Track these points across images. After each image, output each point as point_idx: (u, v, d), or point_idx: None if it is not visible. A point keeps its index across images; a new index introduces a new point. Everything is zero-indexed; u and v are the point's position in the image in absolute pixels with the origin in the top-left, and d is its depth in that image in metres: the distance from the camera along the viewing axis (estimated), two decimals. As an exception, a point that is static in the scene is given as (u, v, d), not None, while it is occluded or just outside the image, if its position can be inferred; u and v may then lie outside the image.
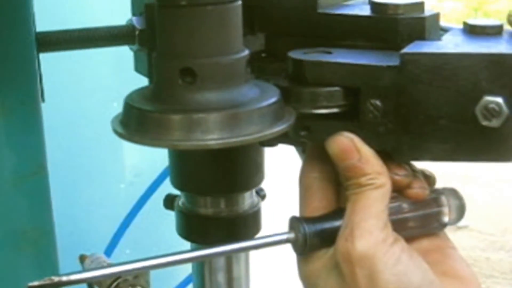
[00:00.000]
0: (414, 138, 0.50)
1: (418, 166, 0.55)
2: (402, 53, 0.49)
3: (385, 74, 0.49)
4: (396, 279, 0.48)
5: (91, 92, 1.17)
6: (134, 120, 0.49)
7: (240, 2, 0.50)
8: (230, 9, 0.49)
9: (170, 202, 0.67)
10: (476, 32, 0.52)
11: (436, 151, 0.50)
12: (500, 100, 0.47)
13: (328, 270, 0.51)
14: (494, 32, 0.52)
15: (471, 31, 0.53)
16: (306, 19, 0.56)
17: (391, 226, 0.50)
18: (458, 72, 0.48)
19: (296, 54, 0.53)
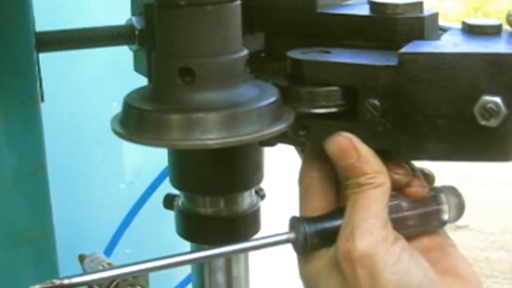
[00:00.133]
0: (412, 138, 0.50)
1: (417, 165, 0.55)
2: (400, 52, 0.49)
3: (383, 73, 0.49)
4: (397, 278, 0.48)
5: (90, 92, 1.17)
6: (133, 120, 0.49)
7: (239, 2, 0.50)
8: (229, 9, 0.49)
9: (169, 202, 0.67)
10: (475, 31, 0.52)
11: (434, 150, 0.50)
12: (498, 99, 0.47)
13: (329, 270, 0.51)
14: (493, 31, 0.52)
15: (470, 30, 0.53)
16: (305, 19, 0.56)
17: (391, 225, 0.50)
18: (456, 71, 0.48)
19: (295, 54, 0.53)
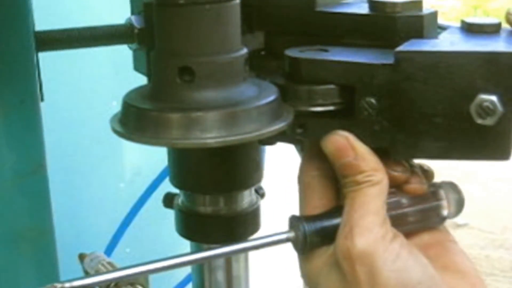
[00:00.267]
0: (409, 136, 0.50)
1: (416, 161, 0.55)
2: (397, 51, 0.49)
3: (379, 72, 0.49)
4: (396, 275, 0.48)
5: (90, 91, 1.17)
6: (132, 119, 0.49)
7: (238, 0, 0.50)
8: (228, 7, 0.49)
9: (169, 201, 0.67)
10: (473, 30, 0.52)
11: (431, 149, 0.50)
12: (494, 98, 0.47)
13: (328, 268, 0.51)
14: (491, 30, 0.52)
15: (468, 29, 0.52)
16: (304, 17, 0.56)
17: (390, 222, 0.50)
18: (453, 70, 0.47)
19: (293, 52, 0.53)
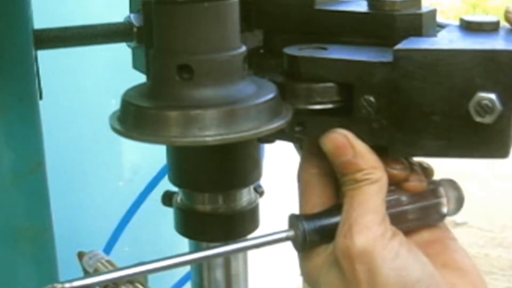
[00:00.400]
0: (408, 134, 0.50)
1: (415, 158, 0.55)
2: (395, 49, 0.49)
3: (378, 70, 0.49)
4: (396, 273, 0.48)
5: (89, 89, 1.17)
6: (131, 117, 0.49)
7: (237, -2, 0.50)
8: (227, 5, 0.49)
9: (168, 199, 0.67)
10: (472, 28, 0.52)
11: (429, 147, 0.50)
12: (493, 96, 0.47)
13: (328, 266, 0.51)
14: (490, 28, 0.52)
15: (467, 27, 0.52)
16: (303, 15, 0.56)
17: (389, 220, 0.50)
18: (452, 68, 0.47)
19: (291, 50, 0.53)
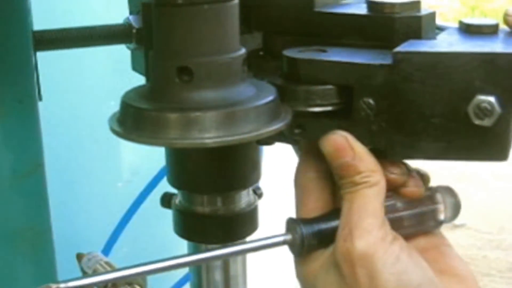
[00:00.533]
0: (407, 137, 0.50)
1: (412, 164, 0.55)
2: (395, 51, 0.49)
3: (377, 72, 0.49)
4: (396, 278, 0.48)
5: (88, 90, 1.17)
6: (131, 119, 0.49)
7: (236, 0, 0.50)
8: (226, 8, 0.49)
9: (167, 201, 0.67)
10: (471, 31, 0.52)
11: (429, 149, 0.50)
12: (492, 99, 0.47)
13: (325, 270, 0.51)
14: (489, 31, 0.52)
15: (466, 30, 0.53)
16: (303, 18, 0.56)
17: (389, 224, 0.50)
18: (451, 71, 0.47)
19: (291, 53, 0.53)
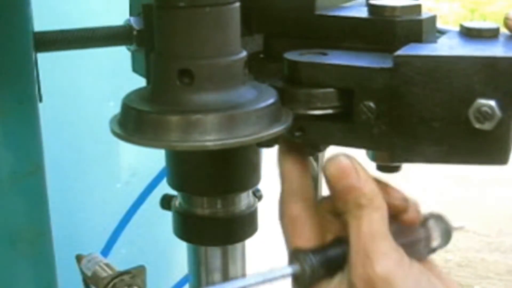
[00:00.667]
0: (408, 140, 0.50)
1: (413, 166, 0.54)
2: (396, 55, 0.49)
3: (378, 76, 0.49)
4: None
5: (88, 92, 1.17)
6: (132, 121, 0.49)
7: (238, 3, 0.50)
8: (228, 10, 0.49)
9: (167, 202, 0.67)
10: (472, 35, 0.52)
11: (429, 153, 0.49)
12: (493, 103, 0.47)
13: None
14: (490, 35, 0.52)
15: (467, 34, 0.53)
16: (304, 20, 0.56)
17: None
18: (452, 74, 0.47)
19: (292, 55, 0.53)
